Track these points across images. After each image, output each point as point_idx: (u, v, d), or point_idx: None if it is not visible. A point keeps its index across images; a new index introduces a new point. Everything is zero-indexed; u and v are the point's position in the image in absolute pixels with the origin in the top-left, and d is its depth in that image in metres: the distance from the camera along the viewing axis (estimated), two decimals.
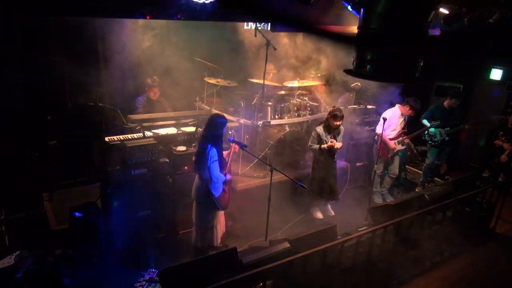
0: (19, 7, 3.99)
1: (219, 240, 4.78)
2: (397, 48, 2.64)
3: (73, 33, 5.22)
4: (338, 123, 5.59)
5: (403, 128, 6.48)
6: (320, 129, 5.70)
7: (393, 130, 6.42)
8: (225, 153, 4.70)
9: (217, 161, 4.37)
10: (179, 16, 4.66)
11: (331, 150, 5.69)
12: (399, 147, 6.48)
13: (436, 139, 6.88)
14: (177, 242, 5.22)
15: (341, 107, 5.88)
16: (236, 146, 4.70)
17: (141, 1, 4.47)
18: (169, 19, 5.13)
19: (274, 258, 3.63)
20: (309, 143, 5.80)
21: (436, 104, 7.22)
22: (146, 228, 5.03)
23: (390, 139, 6.40)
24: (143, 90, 6.26)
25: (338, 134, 5.74)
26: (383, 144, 6.36)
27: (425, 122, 6.89)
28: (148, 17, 4.71)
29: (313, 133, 5.76)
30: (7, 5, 3.86)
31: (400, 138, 6.45)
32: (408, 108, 6.29)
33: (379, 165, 6.45)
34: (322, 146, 5.65)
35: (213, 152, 4.33)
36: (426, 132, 6.87)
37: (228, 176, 4.66)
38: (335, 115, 5.56)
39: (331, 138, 5.63)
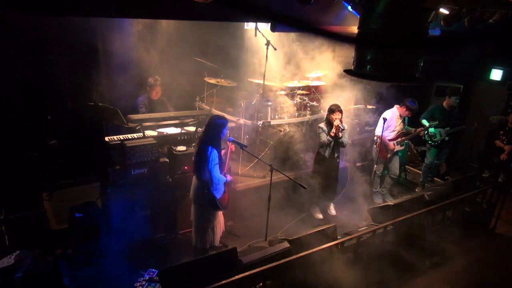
0: (19, 6, 3.98)
1: (218, 240, 4.78)
2: (397, 48, 2.64)
3: (73, 33, 5.21)
4: (336, 116, 5.62)
5: (402, 129, 6.49)
6: (323, 124, 5.77)
7: (392, 131, 6.42)
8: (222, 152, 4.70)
9: (218, 164, 4.37)
10: (185, 17, 4.65)
11: (337, 140, 5.71)
12: (398, 147, 6.48)
13: (436, 139, 6.88)
14: (177, 242, 5.22)
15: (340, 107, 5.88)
16: (233, 145, 4.70)
17: (146, 2, 4.46)
18: (175, 19, 5.12)
19: (274, 258, 3.63)
20: (320, 138, 5.76)
21: (436, 104, 7.22)
22: (146, 228, 5.03)
23: (389, 140, 6.40)
24: (144, 90, 6.16)
25: (342, 130, 5.74)
26: (383, 145, 6.37)
27: (424, 122, 6.89)
28: (153, 18, 4.68)
29: (320, 129, 5.76)
30: (7, 4, 3.85)
31: (399, 139, 6.45)
32: (405, 109, 6.30)
33: (379, 166, 6.45)
34: (331, 132, 5.67)
35: (214, 154, 4.32)
36: (426, 132, 6.87)
37: (229, 178, 4.66)
38: (330, 109, 5.67)
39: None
